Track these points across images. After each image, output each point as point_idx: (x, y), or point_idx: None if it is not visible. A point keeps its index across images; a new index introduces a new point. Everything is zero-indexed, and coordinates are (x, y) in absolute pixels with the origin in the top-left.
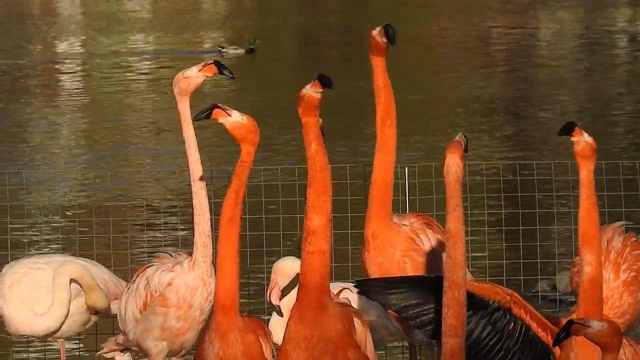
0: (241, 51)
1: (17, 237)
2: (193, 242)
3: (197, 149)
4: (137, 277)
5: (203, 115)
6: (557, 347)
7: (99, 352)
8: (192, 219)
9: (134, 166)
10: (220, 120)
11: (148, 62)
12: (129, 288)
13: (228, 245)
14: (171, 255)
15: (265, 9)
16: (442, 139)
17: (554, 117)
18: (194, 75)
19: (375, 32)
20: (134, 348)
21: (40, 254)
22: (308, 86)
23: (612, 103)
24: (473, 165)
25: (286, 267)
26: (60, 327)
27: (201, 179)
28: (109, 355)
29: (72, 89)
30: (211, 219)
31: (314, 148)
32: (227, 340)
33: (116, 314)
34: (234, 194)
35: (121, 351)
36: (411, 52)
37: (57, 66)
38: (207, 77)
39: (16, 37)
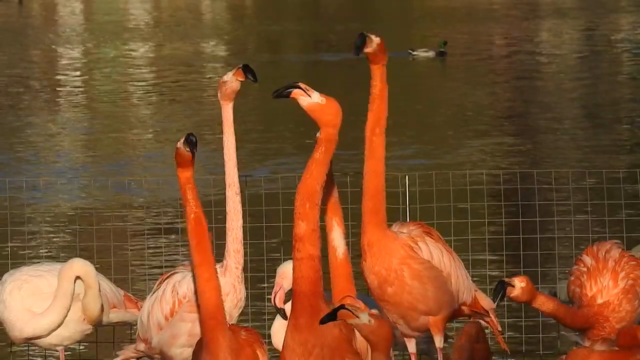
0: (431, 54)
1: (17, 246)
2: (225, 248)
3: (236, 154)
4: (160, 284)
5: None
6: None
7: None
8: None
9: (135, 175)
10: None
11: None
12: (152, 295)
13: (204, 268)
14: None
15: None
16: (443, 148)
17: (556, 126)
18: (229, 80)
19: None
20: (155, 356)
21: (40, 262)
22: (316, 93)
23: (616, 111)
24: (474, 173)
25: (291, 270)
26: (63, 322)
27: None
28: None
29: (77, 96)
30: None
31: (316, 156)
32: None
33: (116, 323)
34: (192, 215)
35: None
36: (413, 60)
37: (64, 74)
38: (241, 81)
39: (19, 46)
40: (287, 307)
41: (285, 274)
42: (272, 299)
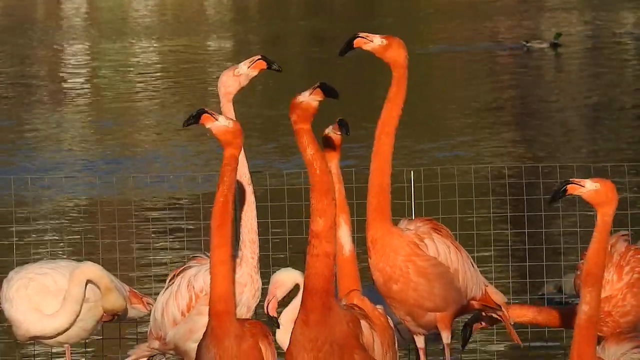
0: (545, 45)
1: (22, 243)
2: (240, 239)
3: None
4: (173, 278)
5: (191, 121)
6: None
7: (127, 359)
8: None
9: (140, 171)
10: (207, 126)
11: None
12: (166, 291)
13: (221, 250)
14: (207, 256)
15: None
16: (448, 143)
17: (560, 121)
18: (245, 73)
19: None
20: (169, 352)
21: (46, 259)
22: (306, 93)
23: (619, 104)
24: (479, 168)
25: (285, 279)
26: (72, 325)
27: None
28: None
29: (80, 94)
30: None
31: (310, 153)
32: (222, 346)
33: (123, 319)
34: (222, 197)
35: (148, 359)
36: (417, 56)
37: (64, 71)
38: (255, 74)
39: (22, 43)
40: (284, 315)
41: (279, 282)
42: (265, 308)
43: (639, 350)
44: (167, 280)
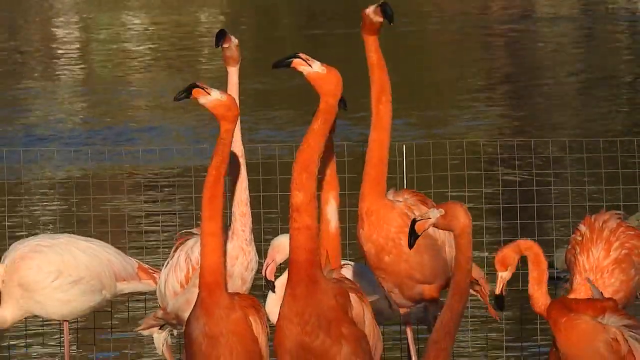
0: None
1: (15, 216)
2: (231, 211)
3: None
4: (175, 251)
5: (183, 95)
6: None
7: (137, 329)
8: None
9: (131, 143)
10: (200, 100)
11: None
12: (168, 263)
13: (211, 223)
14: None
15: None
16: (440, 116)
17: (553, 96)
18: (227, 47)
19: (370, 11)
20: (172, 321)
21: (40, 233)
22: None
23: (612, 81)
24: (471, 142)
25: (285, 244)
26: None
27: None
28: (146, 332)
29: (72, 67)
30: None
31: (313, 127)
32: (211, 317)
33: (129, 294)
34: (214, 170)
35: (160, 328)
36: (408, 27)
37: (56, 44)
38: (224, 47)
39: (12, 16)
40: (278, 283)
41: (279, 247)
42: (263, 271)
43: (628, 330)
44: (171, 253)
